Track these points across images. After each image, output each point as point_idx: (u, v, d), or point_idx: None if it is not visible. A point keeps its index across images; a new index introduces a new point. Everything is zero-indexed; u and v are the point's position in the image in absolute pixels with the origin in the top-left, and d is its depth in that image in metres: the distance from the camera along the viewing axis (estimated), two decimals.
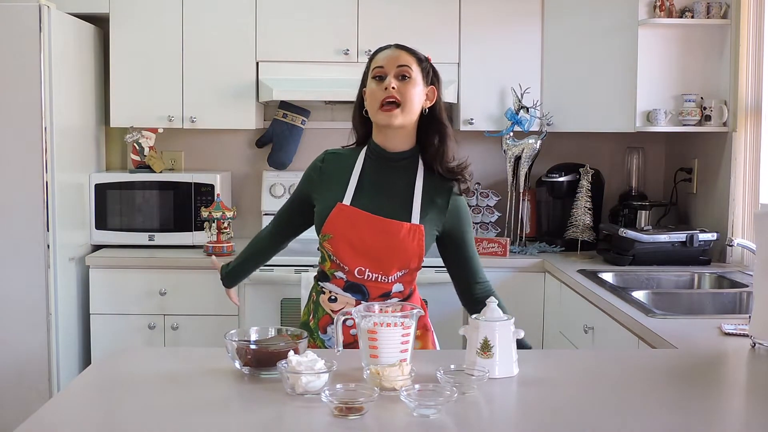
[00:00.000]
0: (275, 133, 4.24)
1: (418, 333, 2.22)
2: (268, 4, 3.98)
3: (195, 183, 3.96)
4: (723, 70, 3.67)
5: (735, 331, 2.35)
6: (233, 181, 4.34)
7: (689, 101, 3.68)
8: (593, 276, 3.31)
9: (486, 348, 1.80)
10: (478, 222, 4.12)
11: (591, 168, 3.99)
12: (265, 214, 4.24)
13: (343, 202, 2.18)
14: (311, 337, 2.23)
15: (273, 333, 1.93)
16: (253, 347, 1.82)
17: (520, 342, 1.88)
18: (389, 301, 2.15)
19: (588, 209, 3.93)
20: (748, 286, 3.07)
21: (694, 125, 3.69)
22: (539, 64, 4.03)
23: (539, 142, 3.98)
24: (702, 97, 3.69)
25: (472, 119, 4.03)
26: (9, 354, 3.53)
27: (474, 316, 1.86)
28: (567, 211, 4.01)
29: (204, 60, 3.99)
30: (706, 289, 3.32)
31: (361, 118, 2.26)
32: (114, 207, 3.95)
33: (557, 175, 4.05)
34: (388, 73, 2.15)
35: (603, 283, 3.18)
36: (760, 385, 1.91)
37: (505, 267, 3.76)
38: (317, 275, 2.31)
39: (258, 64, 4.00)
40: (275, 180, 4.23)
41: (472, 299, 2.25)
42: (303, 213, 2.31)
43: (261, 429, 1.55)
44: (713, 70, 3.71)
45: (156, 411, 1.63)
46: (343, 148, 2.33)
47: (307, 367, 1.67)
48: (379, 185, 2.20)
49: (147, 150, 4.04)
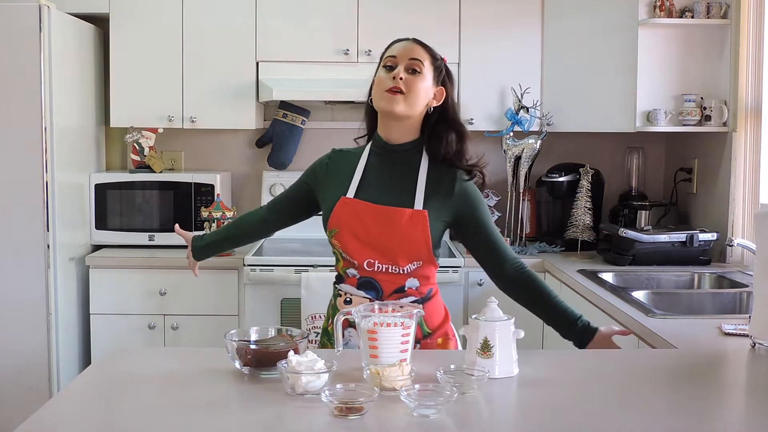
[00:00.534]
0: (275, 133, 4.24)
1: (439, 341, 2.22)
2: (268, 4, 3.98)
3: (195, 183, 3.96)
4: (723, 70, 3.67)
5: (735, 331, 2.35)
6: (233, 181, 4.34)
7: (689, 101, 3.68)
8: (593, 276, 3.31)
9: (486, 348, 1.80)
10: None
11: (591, 168, 3.99)
12: None
13: (347, 195, 2.18)
14: (329, 342, 2.23)
15: (273, 333, 1.93)
16: (253, 347, 1.82)
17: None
18: (402, 300, 2.13)
19: (588, 209, 3.93)
20: (748, 286, 3.07)
21: (694, 125, 3.69)
22: (539, 64, 4.04)
23: (539, 142, 3.98)
24: (702, 97, 3.69)
25: (472, 119, 4.03)
26: (9, 354, 3.53)
27: (474, 316, 1.86)
28: (567, 211, 4.01)
29: (204, 60, 3.99)
30: (706, 289, 3.32)
31: (370, 108, 2.26)
32: (114, 207, 3.95)
33: (557, 175, 4.05)
34: (399, 64, 2.16)
35: (603, 283, 3.18)
36: (760, 385, 1.91)
37: None
38: (335, 279, 2.29)
39: (258, 64, 4.00)
40: (275, 180, 4.23)
41: (507, 280, 2.23)
42: (300, 203, 2.33)
43: (261, 429, 1.55)
44: (713, 70, 3.71)
45: (156, 411, 1.63)
46: (356, 144, 2.32)
47: (307, 367, 1.67)
48: (383, 177, 2.20)
49: (147, 150, 4.04)
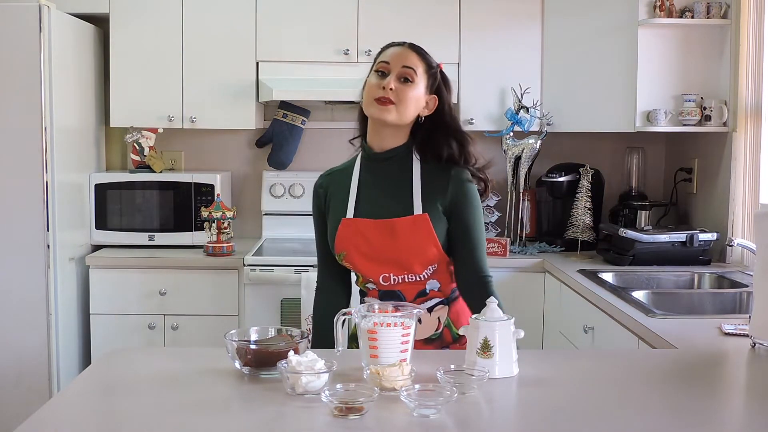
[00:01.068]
0: (275, 133, 4.24)
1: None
2: (268, 4, 3.98)
3: (195, 183, 3.96)
4: (723, 70, 3.67)
5: (735, 331, 2.35)
6: (233, 181, 4.34)
7: (689, 101, 3.68)
8: (593, 276, 3.31)
9: (486, 348, 1.80)
10: None
11: (591, 168, 3.99)
12: (265, 214, 4.24)
13: (347, 216, 2.15)
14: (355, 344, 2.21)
15: (273, 333, 1.92)
16: (253, 347, 1.82)
17: None
18: (428, 303, 2.14)
19: (588, 209, 3.93)
20: (748, 286, 3.07)
21: (694, 125, 3.69)
22: (539, 64, 4.03)
23: (539, 142, 3.98)
24: (702, 97, 3.69)
25: (472, 119, 4.03)
26: (9, 354, 3.53)
27: (474, 316, 1.86)
28: (567, 211, 4.01)
29: (204, 60, 3.99)
30: (706, 289, 3.32)
31: (362, 110, 2.20)
32: (114, 207, 3.95)
33: (557, 175, 4.05)
34: (391, 71, 2.11)
35: (603, 283, 3.18)
36: (760, 385, 1.91)
37: (505, 267, 3.76)
38: (359, 294, 2.25)
39: (258, 64, 4.00)
40: (275, 180, 4.23)
41: (466, 286, 2.16)
42: None
43: (261, 429, 1.55)
44: (713, 70, 3.71)
45: (156, 411, 1.63)
46: (351, 144, 2.27)
47: (307, 367, 1.67)
48: (377, 188, 2.17)
49: (147, 150, 4.04)
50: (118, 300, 3.77)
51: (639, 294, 2.95)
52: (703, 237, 3.56)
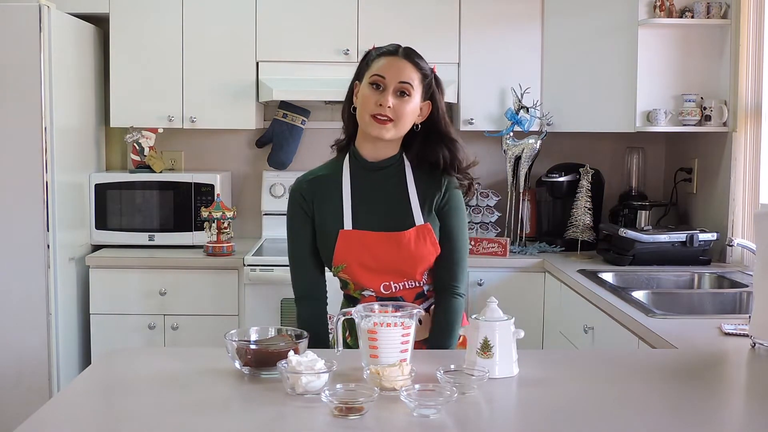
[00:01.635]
0: (275, 133, 4.24)
1: (459, 340, 2.20)
2: (268, 4, 3.98)
3: (195, 183, 3.96)
4: (723, 70, 3.67)
5: (735, 331, 2.35)
6: (233, 181, 4.34)
7: (689, 101, 3.68)
8: (593, 276, 3.31)
9: (486, 348, 1.80)
10: (478, 222, 4.11)
11: (591, 168, 3.99)
12: (265, 214, 4.24)
13: (344, 227, 2.11)
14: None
15: (273, 333, 1.92)
16: (253, 347, 1.81)
17: None
18: (425, 303, 2.14)
19: (588, 209, 3.93)
20: (748, 286, 3.07)
21: (694, 125, 3.69)
22: (539, 64, 4.03)
23: (539, 142, 3.98)
24: (702, 97, 3.69)
25: (472, 119, 4.03)
26: (9, 354, 3.53)
27: (474, 316, 1.86)
28: (567, 211, 4.01)
29: (204, 60, 3.99)
30: (706, 289, 3.32)
31: (350, 114, 2.18)
32: (114, 207, 3.95)
33: (557, 175, 4.05)
34: (388, 86, 2.07)
35: (603, 283, 3.18)
36: (760, 385, 1.91)
37: (505, 267, 3.76)
38: (344, 298, 2.22)
39: (258, 64, 4.00)
40: (275, 180, 4.23)
41: (438, 293, 2.15)
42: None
43: (261, 429, 1.55)
44: (713, 70, 3.71)
45: (156, 411, 1.63)
46: (331, 150, 2.23)
47: (307, 367, 1.67)
48: (374, 198, 2.14)
49: (147, 150, 4.04)
50: (118, 300, 3.77)
51: (639, 294, 2.95)
52: (703, 237, 3.56)
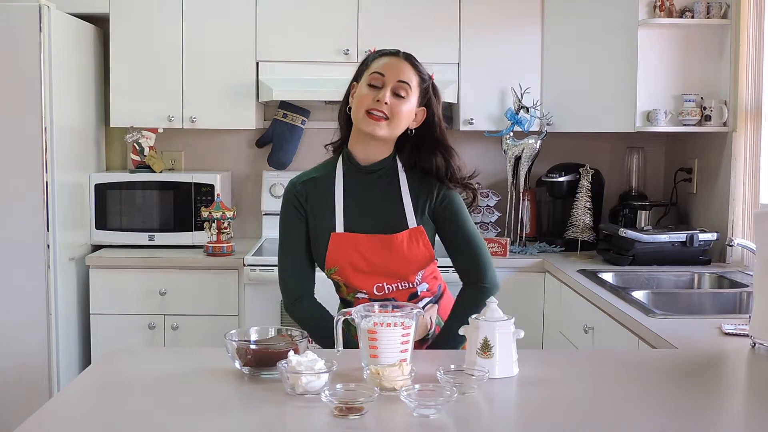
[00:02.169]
0: (275, 133, 4.24)
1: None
2: (268, 4, 3.98)
3: (195, 183, 3.96)
4: (723, 70, 3.67)
5: (735, 331, 2.35)
6: (233, 181, 4.34)
7: (689, 101, 3.68)
8: (593, 276, 3.31)
9: (486, 348, 1.80)
10: (478, 222, 4.11)
11: (591, 168, 4.00)
12: (265, 214, 4.24)
13: (336, 230, 2.11)
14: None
15: (273, 333, 1.92)
16: (253, 347, 1.82)
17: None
18: (419, 303, 2.14)
19: (588, 209, 3.94)
20: (748, 286, 3.07)
21: (694, 125, 3.69)
22: (539, 64, 4.03)
23: (539, 142, 3.98)
24: (702, 97, 3.69)
25: (472, 119, 4.03)
26: (9, 354, 3.53)
27: (474, 316, 1.86)
28: (567, 211, 4.01)
29: (204, 60, 3.99)
30: (706, 289, 3.32)
31: (347, 115, 2.18)
32: (114, 207, 3.95)
33: (557, 175, 4.05)
34: (386, 84, 2.08)
35: (603, 283, 3.18)
36: (760, 385, 1.91)
37: (505, 267, 3.76)
38: (340, 305, 2.23)
39: (258, 64, 4.00)
40: (275, 180, 4.23)
41: (463, 292, 2.19)
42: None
43: (261, 429, 1.55)
44: (713, 70, 3.71)
45: (156, 411, 1.63)
46: (325, 149, 2.23)
47: (307, 367, 1.67)
48: (366, 201, 2.14)
49: (147, 150, 4.04)
50: (118, 300, 3.77)
51: (639, 294, 2.95)
52: (703, 237, 3.56)
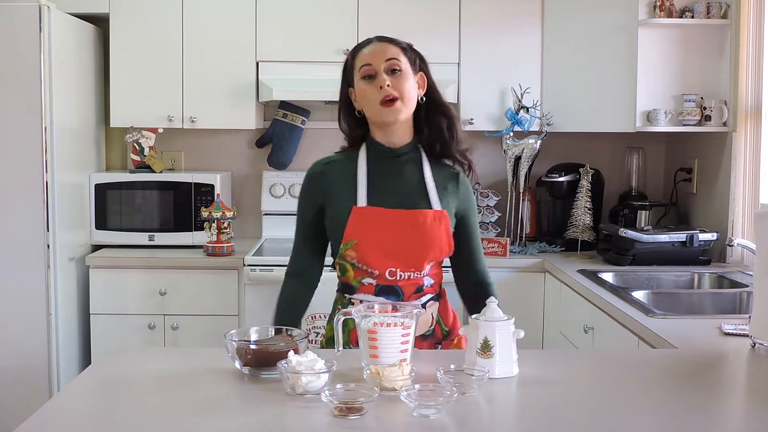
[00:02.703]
0: (275, 133, 4.24)
1: (455, 341, 2.21)
2: (268, 4, 3.98)
3: (195, 183, 3.96)
4: (723, 70, 3.67)
5: (735, 331, 2.35)
6: (233, 181, 4.35)
7: (689, 101, 3.68)
8: (593, 276, 3.31)
9: (486, 348, 1.80)
10: (478, 222, 4.11)
11: (591, 168, 4.00)
12: (265, 214, 4.24)
13: (358, 204, 2.10)
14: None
15: (273, 333, 1.92)
16: (253, 347, 1.81)
17: None
18: (421, 299, 2.13)
19: (588, 209, 3.94)
20: (748, 286, 3.07)
21: (694, 125, 3.69)
22: (539, 64, 4.03)
23: (539, 142, 3.98)
24: (702, 97, 3.69)
25: (472, 119, 4.03)
26: (9, 354, 3.53)
27: (474, 316, 1.86)
28: (567, 211, 4.01)
29: (204, 60, 3.99)
30: (706, 289, 3.32)
31: (355, 119, 2.18)
32: (114, 207, 3.95)
33: (557, 175, 4.05)
34: (377, 70, 2.09)
35: (603, 283, 3.18)
36: (760, 385, 1.91)
37: (505, 267, 3.76)
38: (339, 288, 2.20)
39: (258, 64, 4.00)
40: (275, 180, 4.23)
41: (466, 289, 2.24)
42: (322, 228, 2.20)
43: (261, 429, 1.55)
44: (713, 70, 3.71)
45: (156, 411, 1.63)
46: (341, 150, 2.23)
47: (307, 367, 1.67)
48: (390, 181, 2.14)
49: (147, 150, 4.04)
50: (118, 300, 3.77)
51: (639, 294, 2.95)
52: (703, 237, 3.56)
